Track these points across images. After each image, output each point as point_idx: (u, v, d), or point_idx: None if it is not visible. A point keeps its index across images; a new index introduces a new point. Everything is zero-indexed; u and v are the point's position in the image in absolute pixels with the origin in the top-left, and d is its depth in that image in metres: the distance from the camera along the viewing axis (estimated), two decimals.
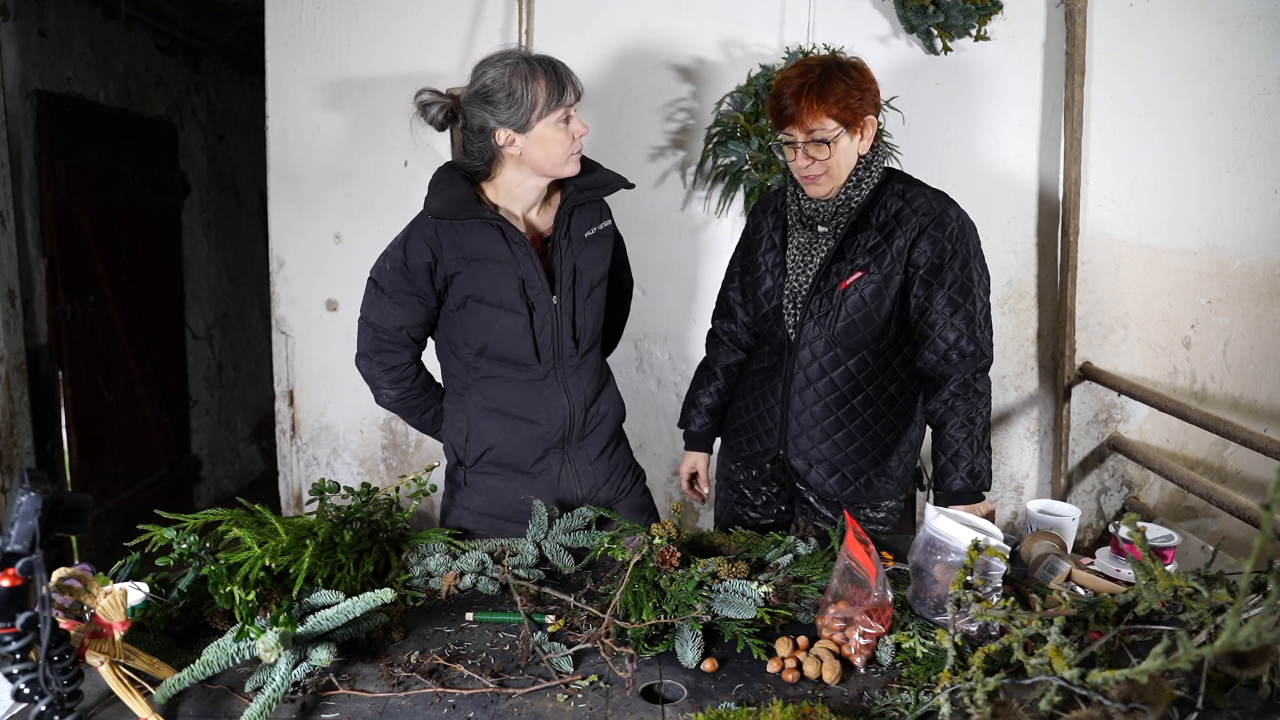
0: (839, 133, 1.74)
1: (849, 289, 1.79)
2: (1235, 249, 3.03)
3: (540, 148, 1.65)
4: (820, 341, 1.84)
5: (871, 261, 1.78)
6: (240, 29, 4.69)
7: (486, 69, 1.63)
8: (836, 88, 1.72)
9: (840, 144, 1.75)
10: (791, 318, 1.87)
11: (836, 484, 1.90)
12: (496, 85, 1.61)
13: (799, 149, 1.77)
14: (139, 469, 4.14)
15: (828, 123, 1.73)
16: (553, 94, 1.62)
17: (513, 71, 1.61)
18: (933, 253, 1.77)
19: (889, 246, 1.78)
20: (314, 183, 3.02)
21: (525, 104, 1.60)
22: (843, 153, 1.76)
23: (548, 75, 1.62)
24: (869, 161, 1.81)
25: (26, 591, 0.98)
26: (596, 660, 1.28)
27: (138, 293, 4.13)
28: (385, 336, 1.79)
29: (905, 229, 1.78)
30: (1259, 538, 0.83)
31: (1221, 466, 3.17)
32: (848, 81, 1.73)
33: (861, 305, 1.79)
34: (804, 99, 1.72)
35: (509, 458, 1.82)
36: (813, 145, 1.74)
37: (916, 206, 1.79)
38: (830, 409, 1.86)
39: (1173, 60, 2.92)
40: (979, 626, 1.28)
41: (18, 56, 3.30)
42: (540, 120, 1.62)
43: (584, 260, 1.78)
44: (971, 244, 1.80)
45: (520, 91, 1.60)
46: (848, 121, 1.74)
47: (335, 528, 1.46)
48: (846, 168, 1.79)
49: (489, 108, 1.63)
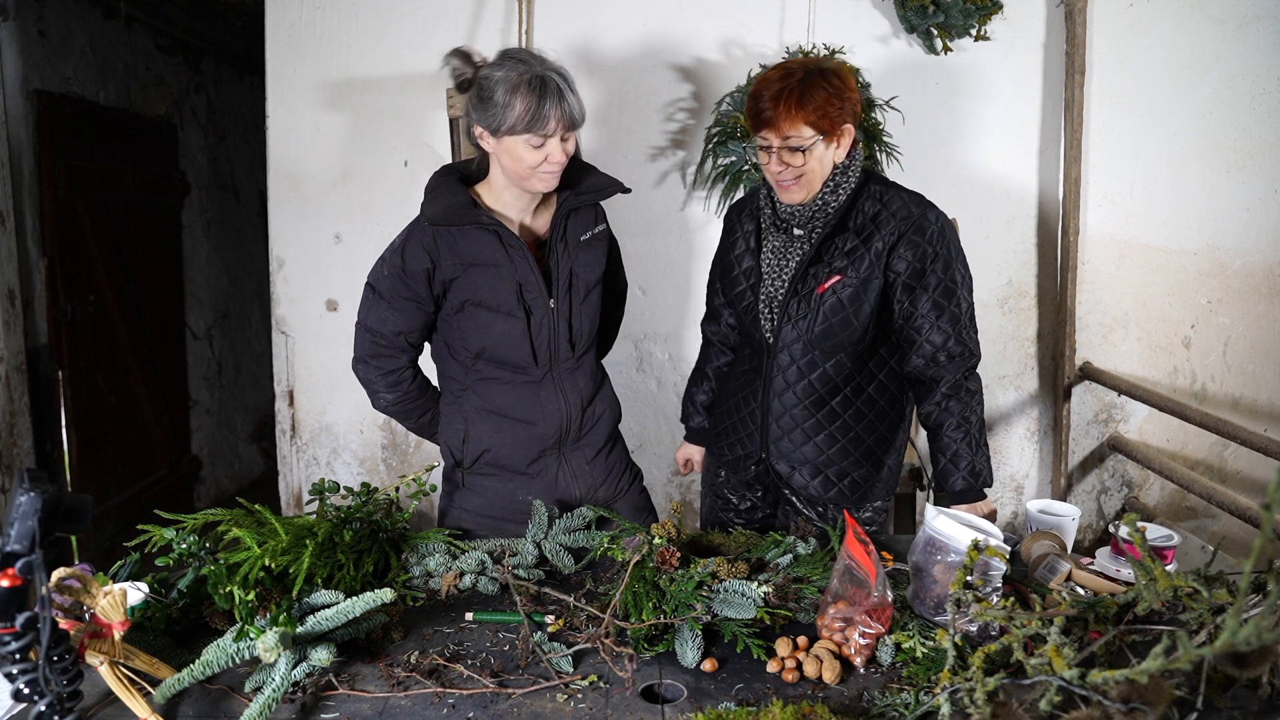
0: (815, 141, 1.69)
1: (826, 292, 1.78)
2: (1235, 249, 3.03)
3: (508, 156, 1.64)
4: (798, 345, 1.82)
5: (849, 265, 1.76)
6: (240, 29, 4.69)
7: (494, 67, 1.62)
8: (816, 95, 1.67)
9: (815, 152, 1.70)
10: (769, 321, 1.86)
11: (820, 486, 1.89)
12: (486, 84, 1.61)
13: (773, 154, 1.72)
14: (139, 469, 4.14)
15: (804, 130, 1.68)
16: (525, 119, 1.58)
17: (504, 79, 1.59)
18: (913, 258, 1.75)
19: (867, 250, 1.76)
20: (314, 183, 3.02)
21: (500, 115, 1.59)
22: (818, 160, 1.72)
23: (531, 98, 1.57)
24: (846, 168, 1.78)
25: (26, 591, 0.98)
26: (596, 660, 1.28)
27: (138, 293, 4.13)
28: (383, 341, 1.79)
29: (883, 233, 1.75)
30: (1259, 538, 0.83)
31: (1221, 466, 3.17)
32: (828, 89, 1.68)
33: (839, 309, 1.78)
34: (782, 104, 1.67)
35: (506, 459, 1.82)
36: (787, 151, 1.70)
37: (894, 210, 1.76)
38: (810, 411, 1.85)
39: (1173, 60, 2.92)
40: (979, 626, 1.28)
41: (18, 56, 3.30)
42: (510, 135, 1.61)
43: (580, 264, 1.78)
44: (952, 246, 1.78)
45: (500, 102, 1.59)
46: (825, 130, 1.69)
47: (335, 528, 1.46)
48: (821, 176, 1.75)
49: (475, 100, 1.64)
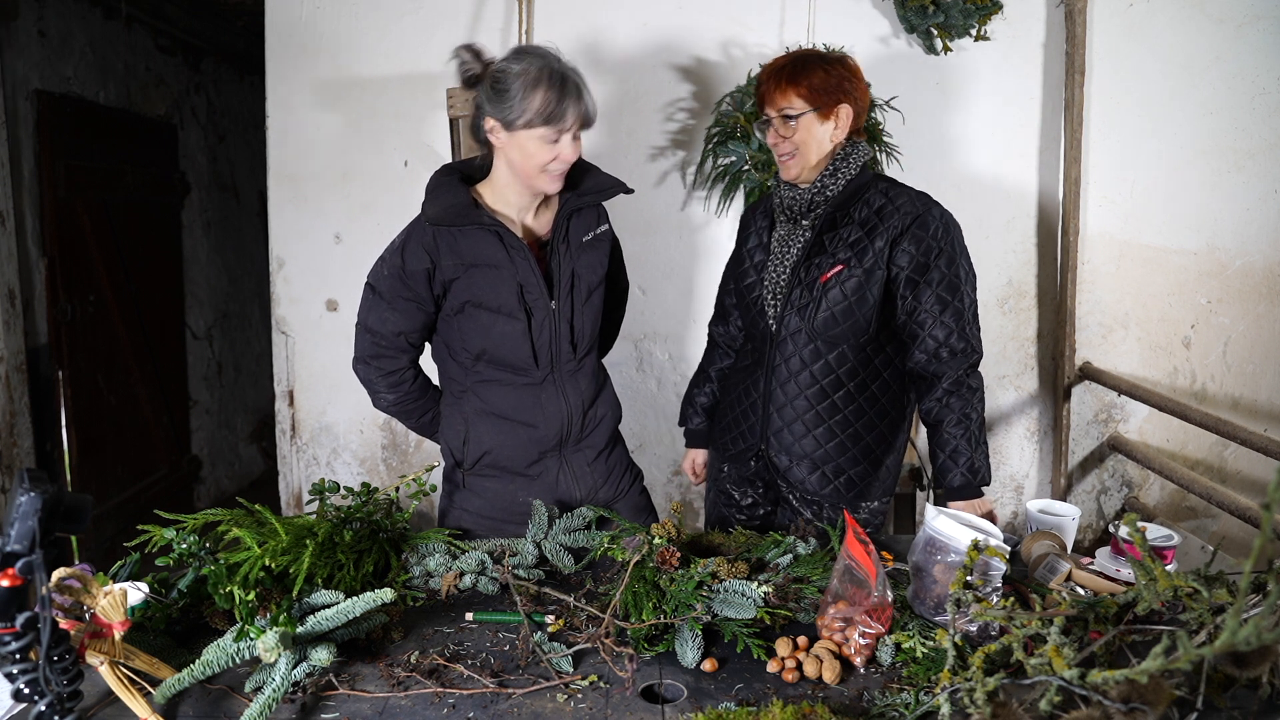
0: (806, 112, 1.80)
1: (830, 281, 1.80)
2: (1235, 249, 3.03)
3: (518, 152, 1.64)
4: (801, 333, 1.85)
5: (853, 256, 1.79)
6: (240, 29, 4.69)
7: (511, 60, 1.63)
8: (811, 71, 1.80)
9: (805, 122, 1.81)
10: (773, 309, 1.89)
11: (817, 481, 1.89)
12: (502, 77, 1.61)
13: (771, 127, 1.85)
14: (139, 469, 4.14)
15: (795, 101, 1.80)
16: (548, 113, 1.59)
17: (523, 73, 1.59)
18: (917, 252, 1.77)
19: (871, 243, 1.79)
20: (314, 183, 3.02)
21: (517, 108, 1.59)
22: (809, 132, 1.81)
23: (556, 93, 1.59)
24: (847, 154, 1.85)
25: (26, 591, 0.98)
26: (596, 660, 1.28)
27: (138, 293, 4.13)
28: (383, 342, 1.79)
29: (888, 225, 1.78)
30: (1259, 538, 0.83)
31: (1221, 466, 3.17)
32: (825, 68, 1.81)
33: (842, 299, 1.80)
34: (776, 78, 1.82)
35: (507, 461, 1.82)
36: (781, 122, 1.82)
37: (900, 205, 1.80)
38: (811, 402, 1.86)
39: (1173, 60, 2.92)
40: (979, 626, 1.28)
41: (18, 56, 3.30)
42: (526, 129, 1.61)
43: (582, 265, 1.78)
44: (956, 242, 1.81)
45: (517, 95, 1.59)
46: (817, 105, 1.80)
47: (335, 528, 1.46)
48: (815, 152, 1.83)
49: (490, 93, 1.63)
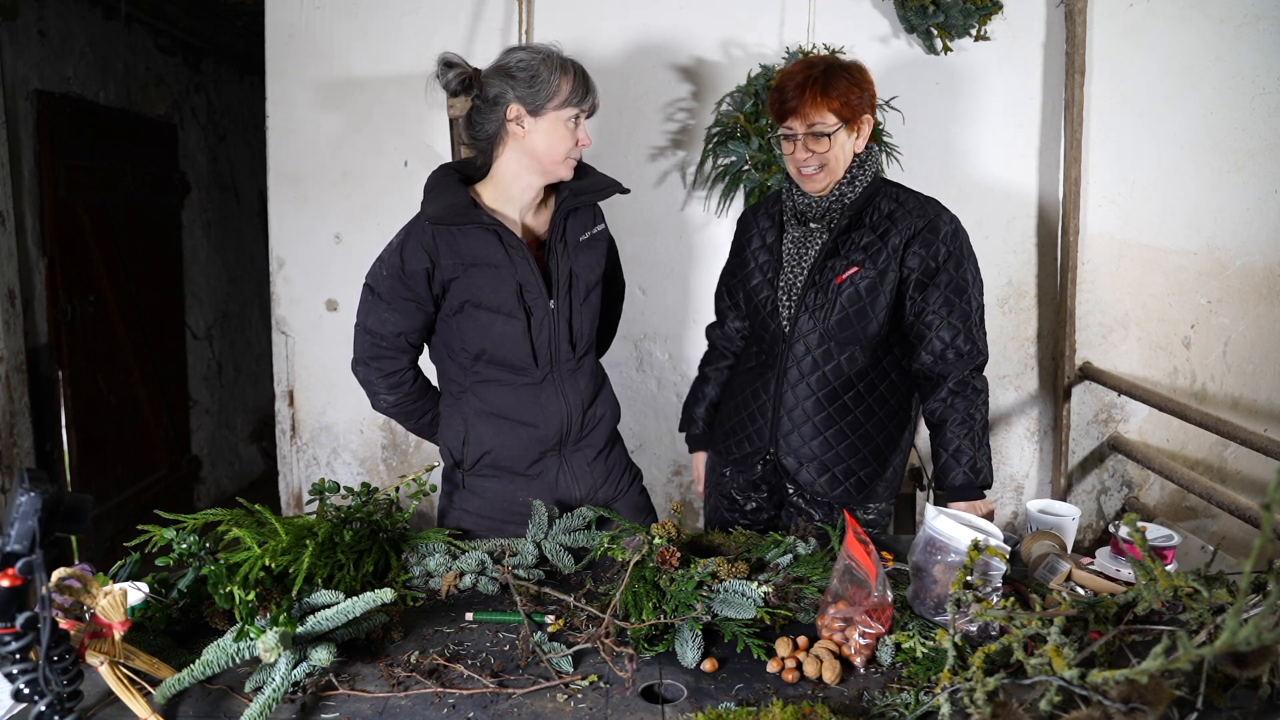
0: (838, 128, 1.78)
1: (844, 283, 1.82)
2: (1235, 249, 3.03)
3: (544, 137, 1.67)
4: (815, 334, 1.86)
5: (867, 258, 1.81)
6: (240, 29, 4.69)
7: (518, 51, 1.68)
8: (839, 84, 1.77)
9: (838, 139, 1.79)
10: (786, 310, 1.89)
11: (827, 484, 1.89)
12: (522, 65, 1.65)
13: (798, 142, 1.80)
14: (139, 469, 4.14)
15: (829, 117, 1.77)
16: (575, 93, 1.66)
17: (544, 60, 1.65)
18: (927, 255, 1.80)
19: (884, 245, 1.81)
20: (314, 183, 3.02)
21: (546, 90, 1.64)
22: (840, 148, 1.80)
23: (576, 76, 1.67)
24: (863, 160, 1.86)
25: (26, 591, 0.98)
26: (596, 660, 1.28)
27: (138, 293, 4.13)
28: (383, 343, 1.79)
29: (900, 228, 1.81)
30: (1259, 538, 0.83)
31: (1221, 466, 3.16)
32: (849, 79, 1.79)
33: (856, 299, 1.81)
34: (807, 92, 1.77)
35: (507, 461, 1.82)
36: (812, 138, 1.79)
37: (910, 209, 1.83)
38: (822, 404, 1.87)
39: (1173, 60, 2.92)
40: (979, 626, 1.28)
41: (18, 56, 3.30)
42: (554, 111, 1.66)
43: (580, 264, 1.78)
44: (965, 247, 1.84)
45: (545, 77, 1.64)
46: (847, 118, 1.79)
47: (335, 528, 1.46)
48: (843, 164, 1.83)
49: (510, 81, 1.66)
